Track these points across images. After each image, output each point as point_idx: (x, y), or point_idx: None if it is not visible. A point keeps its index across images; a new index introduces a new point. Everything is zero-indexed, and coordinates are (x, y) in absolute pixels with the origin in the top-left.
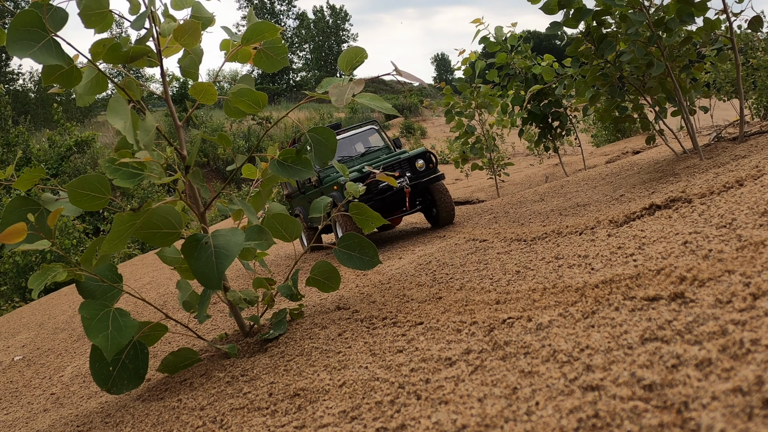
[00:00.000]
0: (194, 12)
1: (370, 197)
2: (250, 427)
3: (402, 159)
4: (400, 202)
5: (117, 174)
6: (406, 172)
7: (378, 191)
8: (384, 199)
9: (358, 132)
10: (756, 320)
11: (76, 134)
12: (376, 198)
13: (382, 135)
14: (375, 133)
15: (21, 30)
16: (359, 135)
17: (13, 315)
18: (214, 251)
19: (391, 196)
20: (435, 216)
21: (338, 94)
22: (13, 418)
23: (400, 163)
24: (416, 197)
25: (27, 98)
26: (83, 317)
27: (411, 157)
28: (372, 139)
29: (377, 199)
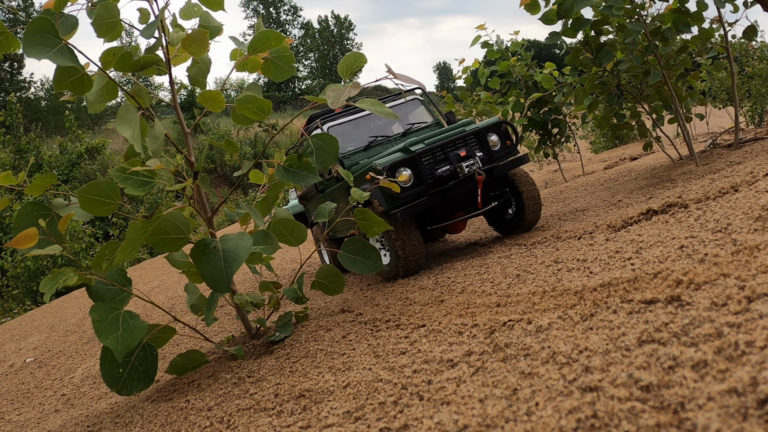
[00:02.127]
0: (202, 21)
1: (423, 190)
2: (256, 427)
3: (468, 133)
4: (468, 197)
5: (128, 182)
6: (475, 152)
7: (435, 179)
8: (444, 192)
9: (393, 105)
10: (751, 323)
11: (87, 141)
12: (433, 192)
13: (430, 107)
14: (420, 106)
15: (36, 35)
16: (396, 109)
17: (25, 318)
18: (222, 255)
19: (455, 189)
20: (513, 217)
21: (335, 97)
22: (24, 418)
23: (465, 138)
24: (490, 189)
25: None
26: (94, 320)
27: (481, 131)
28: (415, 114)
29: (434, 193)
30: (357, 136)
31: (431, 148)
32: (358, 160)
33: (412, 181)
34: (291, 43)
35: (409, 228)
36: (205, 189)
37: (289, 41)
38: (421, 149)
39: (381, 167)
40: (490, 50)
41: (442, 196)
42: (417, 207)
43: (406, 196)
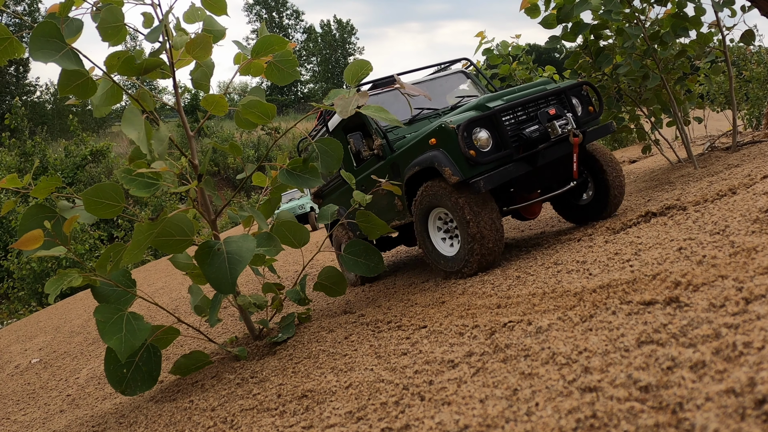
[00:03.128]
0: (206, 26)
1: (507, 155)
2: (259, 427)
3: (549, 92)
4: (560, 166)
5: (133, 184)
6: (565, 111)
7: (522, 142)
8: (533, 158)
9: (435, 77)
10: (748, 324)
11: (92, 144)
12: (519, 157)
13: (478, 81)
14: (466, 81)
15: (41, 39)
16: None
17: (30, 319)
18: (227, 257)
19: (545, 154)
20: (591, 202)
21: (343, 106)
22: (30, 418)
23: (546, 98)
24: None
25: (44, 110)
26: (98, 320)
27: (564, 90)
28: (461, 90)
29: (520, 159)
30: (398, 108)
31: (514, 105)
32: (402, 134)
33: (492, 145)
34: (294, 48)
35: (485, 203)
36: (208, 191)
37: (292, 45)
38: (501, 105)
39: (454, 125)
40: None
41: (530, 163)
42: (502, 175)
43: (486, 162)
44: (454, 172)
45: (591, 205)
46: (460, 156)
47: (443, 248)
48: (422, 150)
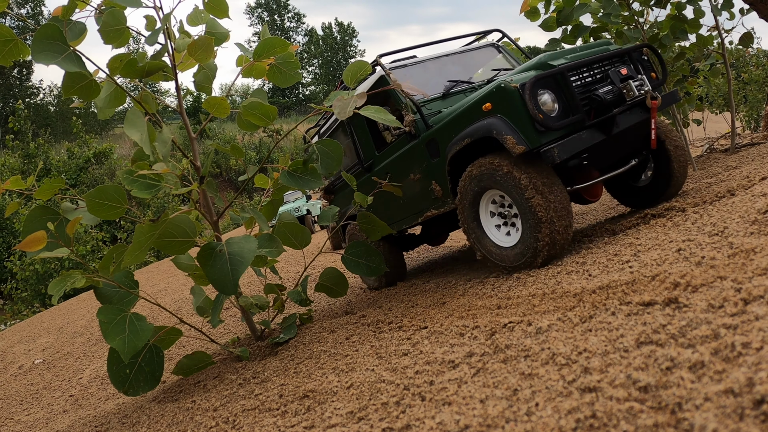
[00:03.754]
0: (209, 28)
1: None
2: (261, 427)
3: (615, 52)
4: (636, 134)
5: (135, 185)
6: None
7: (594, 105)
8: (608, 124)
9: (464, 51)
10: (747, 324)
11: (95, 146)
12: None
13: (511, 55)
14: (497, 55)
15: (44, 42)
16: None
17: (33, 320)
18: (228, 258)
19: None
20: (650, 184)
21: (341, 107)
22: (33, 419)
23: (613, 58)
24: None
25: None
26: (101, 321)
27: (627, 51)
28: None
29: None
30: (429, 81)
31: (581, 63)
32: (437, 108)
33: (559, 110)
34: (296, 50)
35: (553, 180)
36: (210, 193)
37: (294, 48)
38: (567, 63)
39: (517, 84)
40: None
41: (603, 130)
42: (577, 143)
43: (558, 128)
44: (518, 140)
45: (650, 186)
46: (526, 121)
47: (498, 238)
48: (471, 119)
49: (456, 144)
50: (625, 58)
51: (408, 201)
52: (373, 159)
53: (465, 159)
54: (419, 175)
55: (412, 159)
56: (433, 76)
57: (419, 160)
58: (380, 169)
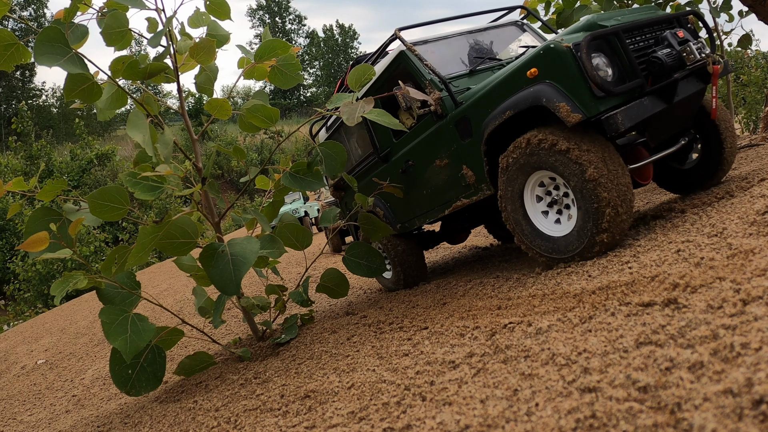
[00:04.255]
0: (210, 30)
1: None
2: (262, 427)
3: (664, 17)
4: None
5: (138, 187)
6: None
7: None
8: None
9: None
10: (746, 325)
11: (97, 148)
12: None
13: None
14: (522, 32)
15: (46, 44)
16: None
17: (36, 320)
18: (231, 259)
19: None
20: (697, 166)
21: (349, 113)
22: (36, 419)
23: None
24: None
25: (50, 113)
26: (103, 322)
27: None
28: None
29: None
30: (455, 58)
31: (637, 24)
32: (464, 86)
33: (614, 76)
34: (297, 52)
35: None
36: (212, 194)
37: (295, 50)
38: (621, 24)
39: (568, 44)
40: None
41: (665, 97)
42: (640, 110)
43: (618, 93)
44: (573, 108)
45: (696, 170)
46: (581, 85)
47: (546, 226)
48: (513, 89)
49: (495, 119)
50: (675, 23)
51: (433, 191)
52: (390, 147)
53: (504, 138)
54: (447, 160)
55: (438, 142)
56: (455, 52)
57: (447, 142)
58: (399, 157)
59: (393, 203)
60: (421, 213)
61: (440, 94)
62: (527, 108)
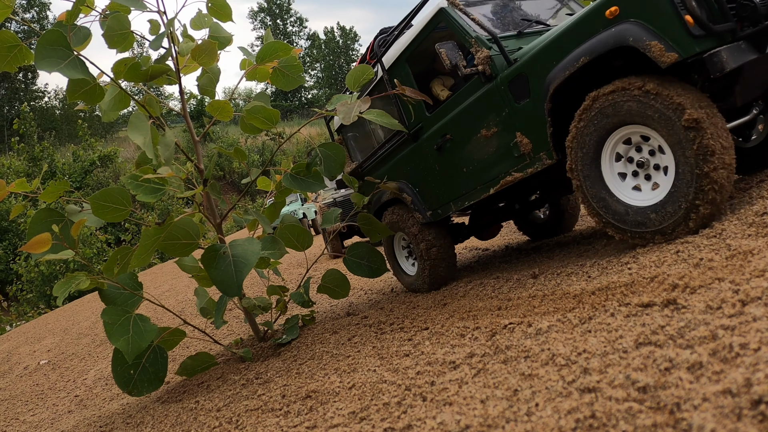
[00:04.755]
0: (212, 32)
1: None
2: (264, 427)
3: None
4: None
5: (140, 190)
6: None
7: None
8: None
9: None
10: (745, 325)
11: (99, 149)
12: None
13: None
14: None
15: (48, 48)
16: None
17: (39, 321)
18: (232, 260)
19: None
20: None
21: (345, 112)
22: (39, 419)
23: None
24: None
25: (53, 115)
26: (105, 322)
27: None
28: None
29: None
30: (504, 19)
31: None
32: (514, 47)
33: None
34: (299, 54)
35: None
36: (214, 196)
37: (297, 52)
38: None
39: None
40: None
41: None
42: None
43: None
44: (666, 46)
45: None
46: (674, 21)
47: (632, 197)
48: (586, 34)
49: (564, 70)
50: None
51: (477, 167)
52: (422, 123)
53: (572, 95)
54: (495, 129)
55: (485, 109)
56: (500, 16)
57: (497, 107)
58: (434, 133)
59: (423, 187)
60: (460, 195)
61: (489, 52)
62: (608, 51)
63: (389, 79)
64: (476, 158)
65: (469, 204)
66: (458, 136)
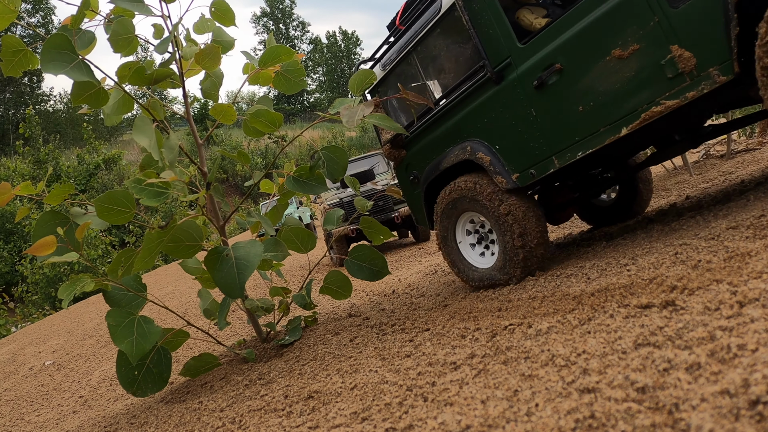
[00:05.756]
0: (215, 36)
1: None
2: (267, 427)
3: None
4: None
5: (144, 193)
6: None
7: None
8: None
9: None
10: (742, 326)
11: (104, 152)
12: None
13: None
14: None
15: (53, 52)
16: None
17: (44, 322)
18: (235, 262)
19: None
20: None
21: (349, 116)
22: (44, 419)
23: None
24: None
25: (58, 118)
26: (110, 324)
27: None
28: None
29: None
30: None
31: None
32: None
33: None
34: (301, 58)
35: None
36: (217, 198)
37: (299, 56)
38: None
39: None
40: None
41: None
42: None
43: None
44: None
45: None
46: None
47: None
48: None
49: None
50: None
51: (604, 100)
52: (510, 57)
53: None
54: (636, 46)
55: (621, 22)
56: None
57: (639, 17)
58: (532, 66)
59: (507, 143)
60: (570, 144)
61: None
62: None
63: (466, 6)
64: (602, 89)
65: (583, 155)
66: (574, 65)
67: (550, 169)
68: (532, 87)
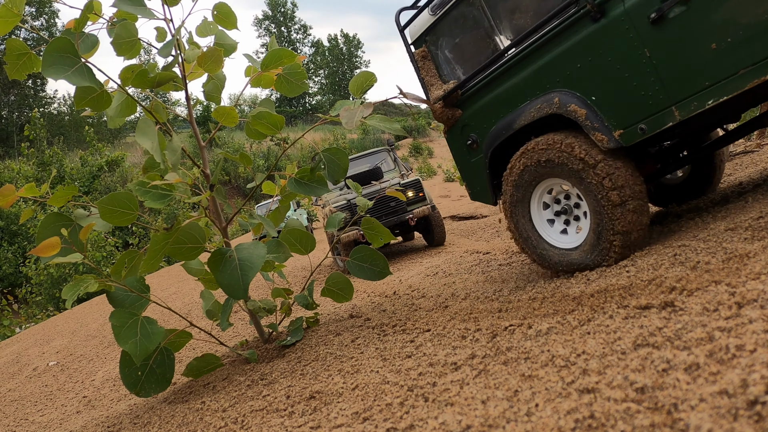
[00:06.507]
0: (218, 39)
1: None
2: (269, 427)
3: None
4: None
5: (147, 196)
6: None
7: None
8: None
9: None
10: (741, 327)
11: (107, 154)
12: None
13: None
14: None
15: (55, 55)
16: None
17: (48, 323)
18: (238, 264)
19: None
20: None
21: (348, 117)
22: (48, 419)
23: None
24: None
25: (61, 121)
26: (113, 325)
27: None
28: None
29: None
30: None
31: None
32: None
33: None
34: (303, 61)
35: None
36: (220, 200)
37: (301, 59)
38: None
39: None
40: None
41: None
42: None
43: None
44: None
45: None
46: None
47: None
48: None
49: None
50: None
51: (746, 35)
52: None
53: None
54: None
55: None
56: None
57: None
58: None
59: (608, 93)
60: (699, 90)
61: None
62: None
63: None
64: (745, 21)
65: (714, 103)
66: None
67: (668, 123)
68: (647, 22)
